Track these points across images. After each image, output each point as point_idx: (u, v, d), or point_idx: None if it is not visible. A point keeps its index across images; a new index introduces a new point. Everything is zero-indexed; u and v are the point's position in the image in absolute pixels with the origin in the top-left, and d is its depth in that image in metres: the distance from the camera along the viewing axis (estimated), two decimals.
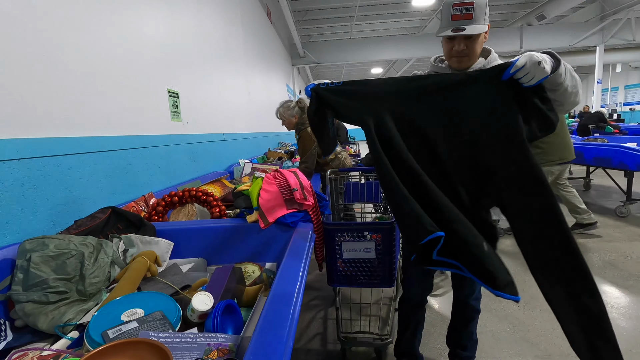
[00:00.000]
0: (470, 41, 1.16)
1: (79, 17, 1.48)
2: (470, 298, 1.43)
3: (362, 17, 10.27)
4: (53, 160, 1.29)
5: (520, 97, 0.96)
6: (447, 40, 1.20)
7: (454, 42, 1.18)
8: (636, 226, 3.52)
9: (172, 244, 1.27)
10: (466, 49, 1.17)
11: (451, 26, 1.14)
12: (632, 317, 1.97)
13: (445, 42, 1.21)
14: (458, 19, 1.13)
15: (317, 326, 2.03)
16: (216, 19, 3.46)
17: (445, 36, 1.18)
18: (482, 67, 1.21)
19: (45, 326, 0.85)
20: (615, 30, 10.98)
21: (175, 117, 2.38)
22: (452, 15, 1.13)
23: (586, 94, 20.80)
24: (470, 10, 1.12)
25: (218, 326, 0.80)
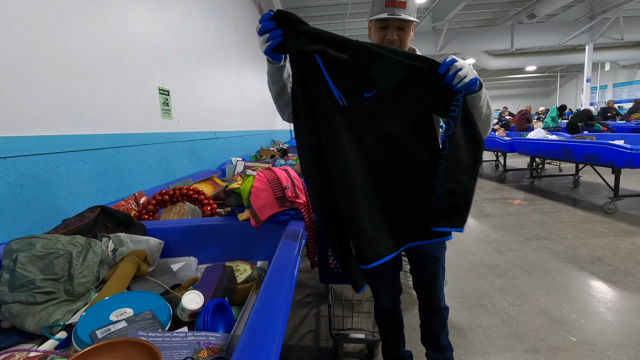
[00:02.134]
0: (403, 32, 1.16)
1: (67, 13, 1.46)
2: (442, 301, 1.36)
3: (355, 15, 10.26)
4: (40, 159, 1.27)
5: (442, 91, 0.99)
6: (379, 29, 1.17)
7: (386, 31, 1.16)
8: (623, 222, 3.59)
9: (162, 242, 1.26)
10: (398, 40, 1.16)
11: (385, 12, 1.12)
12: (618, 311, 2.01)
13: (376, 31, 1.18)
14: (392, 6, 1.12)
15: (310, 323, 2.03)
16: (208, 16, 3.43)
17: (377, 21, 1.15)
18: None
19: (33, 327, 0.84)
20: (604, 29, 11.14)
21: (166, 114, 2.36)
22: (386, 1, 1.12)
23: (576, 92, 21.09)
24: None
25: (208, 325, 0.79)
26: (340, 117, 1.02)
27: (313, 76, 0.99)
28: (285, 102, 1.15)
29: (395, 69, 0.99)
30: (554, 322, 1.94)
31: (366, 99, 1.01)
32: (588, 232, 3.36)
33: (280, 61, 1.05)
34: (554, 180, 5.99)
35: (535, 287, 2.35)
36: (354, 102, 1.02)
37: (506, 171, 6.49)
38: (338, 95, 1.00)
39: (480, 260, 2.85)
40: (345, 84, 1.00)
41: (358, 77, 1.00)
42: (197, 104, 2.99)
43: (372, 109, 1.02)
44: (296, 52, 0.98)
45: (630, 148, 3.52)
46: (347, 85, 1.00)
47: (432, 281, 1.32)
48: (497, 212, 4.26)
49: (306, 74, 1.00)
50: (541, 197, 4.88)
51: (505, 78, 22.33)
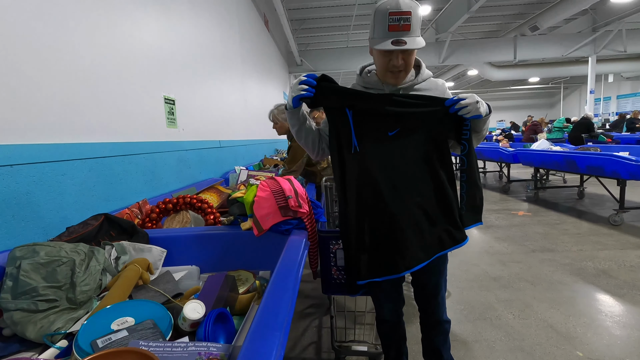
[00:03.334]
0: (408, 55, 1.11)
1: (75, 23, 1.49)
2: (444, 314, 1.34)
3: (358, 27, 10.39)
4: (47, 167, 1.28)
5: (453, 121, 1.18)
6: (383, 53, 1.12)
7: (391, 56, 1.11)
8: (629, 234, 3.55)
9: (165, 251, 1.27)
10: (403, 63, 1.12)
11: (388, 37, 1.06)
12: (625, 326, 1.97)
13: (380, 56, 1.13)
14: (396, 30, 1.05)
15: (312, 335, 2.01)
16: (213, 27, 3.49)
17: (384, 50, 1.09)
18: (413, 82, 1.21)
19: (34, 335, 0.84)
20: (606, 41, 11.19)
21: (171, 124, 2.38)
22: (389, 25, 1.05)
23: (579, 103, 21.09)
24: (408, 21, 1.05)
25: (209, 335, 0.79)
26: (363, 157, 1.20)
27: (344, 126, 1.20)
28: (305, 142, 1.31)
29: (410, 109, 1.16)
30: (560, 336, 1.91)
31: (390, 138, 1.18)
32: (593, 244, 3.32)
33: (295, 107, 1.20)
34: (559, 192, 5.95)
35: (541, 300, 2.32)
36: (379, 141, 1.19)
37: (510, 182, 6.46)
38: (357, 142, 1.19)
39: (484, 272, 2.82)
40: (370, 127, 1.18)
41: (381, 121, 1.17)
42: (202, 113, 3.03)
43: (395, 144, 1.18)
44: (332, 108, 1.20)
45: (635, 160, 3.50)
46: (373, 128, 1.18)
47: (434, 293, 1.31)
48: (501, 223, 4.23)
49: (339, 124, 1.21)
50: (545, 209, 4.84)
51: (509, 89, 22.39)
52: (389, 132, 1.17)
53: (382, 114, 1.16)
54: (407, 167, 1.19)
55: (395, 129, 1.17)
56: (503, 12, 10.38)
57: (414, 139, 1.18)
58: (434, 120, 1.17)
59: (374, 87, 1.23)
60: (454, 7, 8.83)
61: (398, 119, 1.16)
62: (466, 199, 1.23)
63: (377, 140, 1.18)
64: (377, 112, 1.16)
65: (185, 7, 2.76)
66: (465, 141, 1.18)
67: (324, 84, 1.17)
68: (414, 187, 1.19)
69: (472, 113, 1.10)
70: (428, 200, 1.20)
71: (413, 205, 1.18)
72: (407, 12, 1.05)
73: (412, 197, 1.18)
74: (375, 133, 1.18)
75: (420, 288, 1.34)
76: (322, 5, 8.83)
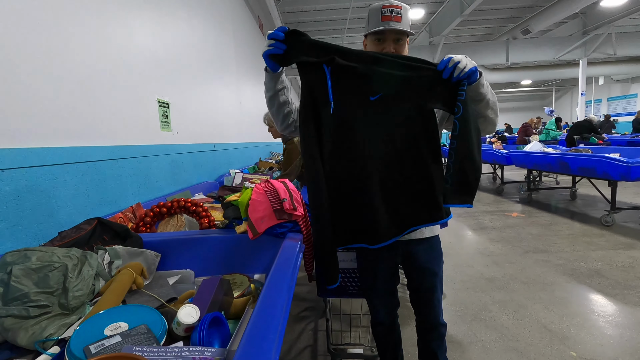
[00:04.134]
0: (399, 45, 1.18)
1: (67, 26, 1.48)
2: (440, 317, 1.33)
3: (353, 30, 10.45)
4: (38, 171, 1.27)
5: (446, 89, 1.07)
6: (375, 43, 1.19)
7: (383, 45, 1.18)
8: (621, 235, 3.59)
9: (159, 255, 1.26)
10: (395, 52, 1.18)
11: (381, 26, 1.15)
12: (618, 325, 2.00)
13: (373, 44, 1.20)
14: (388, 20, 1.14)
15: (307, 338, 2.00)
16: (208, 30, 3.49)
17: (373, 34, 1.18)
18: None
19: (25, 342, 0.82)
20: (597, 44, 11.37)
21: (165, 127, 2.37)
22: (382, 16, 1.14)
23: (571, 105, 21.37)
24: (399, 13, 1.14)
25: (204, 339, 0.78)
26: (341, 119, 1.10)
27: (320, 84, 1.08)
28: (276, 111, 1.23)
29: (396, 72, 1.07)
30: (553, 337, 1.92)
31: (372, 103, 1.09)
32: (586, 244, 3.36)
33: (275, 71, 1.13)
34: (551, 193, 6.01)
35: (535, 300, 2.34)
36: (359, 105, 1.10)
37: (503, 184, 6.51)
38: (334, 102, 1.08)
39: (479, 273, 2.84)
40: (351, 87, 1.08)
41: (364, 82, 1.08)
42: (196, 116, 3.02)
43: (378, 110, 1.09)
44: (306, 64, 1.07)
45: (625, 161, 3.55)
46: (353, 89, 1.08)
47: (429, 296, 1.30)
48: (495, 224, 4.26)
49: (313, 82, 1.09)
50: (539, 210, 4.88)
51: (502, 92, 22.63)
52: (371, 97, 1.08)
53: (364, 75, 1.07)
54: (387, 136, 1.11)
55: (378, 93, 1.08)
56: (495, 16, 10.50)
57: (398, 106, 1.09)
58: (422, 87, 1.07)
59: None
60: (447, 11, 8.92)
61: (382, 83, 1.07)
62: (453, 170, 1.06)
63: (357, 105, 1.09)
64: (359, 73, 1.06)
65: (180, 10, 2.76)
66: (460, 102, 1.04)
67: (297, 37, 1.05)
68: (393, 158, 1.12)
69: (468, 66, 1.02)
70: (408, 173, 1.12)
71: (390, 177, 1.12)
72: (398, 6, 1.15)
73: (391, 168, 1.12)
74: (356, 96, 1.09)
75: (415, 290, 1.34)
76: (316, 9, 8.87)
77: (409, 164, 1.12)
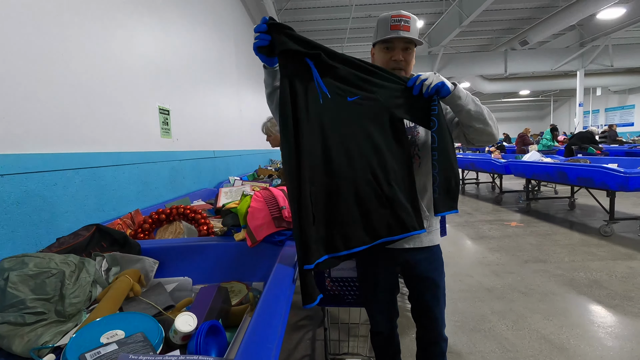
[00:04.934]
0: (407, 53, 1.21)
1: (70, 32, 1.50)
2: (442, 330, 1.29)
3: (353, 39, 10.55)
4: (37, 176, 1.27)
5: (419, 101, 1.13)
6: (384, 51, 1.22)
7: (392, 52, 1.20)
8: (620, 245, 3.59)
9: (157, 262, 1.25)
10: (403, 61, 1.20)
11: (390, 34, 1.17)
12: (618, 337, 1.98)
13: (382, 53, 1.23)
14: (397, 29, 1.17)
15: (305, 347, 1.98)
16: (209, 38, 3.52)
17: (381, 43, 1.21)
18: None
19: (20, 349, 0.82)
20: (594, 56, 11.50)
21: (166, 134, 2.38)
22: (391, 25, 1.17)
23: (569, 115, 21.51)
24: (408, 23, 1.17)
25: (201, 348, 0.78)
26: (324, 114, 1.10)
27: (301, 77, 1.07)
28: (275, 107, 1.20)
29: (375, 79, 1.12)
30: (553, 348, 1.91)
31: (349, 103, 1.11)
32: (585, 255, 3.35)
33: (272, 66, 1.14)
34: (550, 203, 6.01)
35: (534, 311, 2.32)
36: (338, 103, 1.11)
37: (502, 193, 6.52)
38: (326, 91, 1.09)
39: (478, 283, 2.82)
40: (332, 86, 1.10)
41: (343, 84, 1.11)
42: (197, 124, 3.03)
43: (353, 112, 1.12)
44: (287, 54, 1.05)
45: (623, 171, 3.56)
46: (333, 87, 1.11)
47: (430, 307, 1.27)
48: (494, 234, 4.25)
49: (294, 76, 1.07)
50: (538, 220, 4.88)
51: (500, 102, 22.79)
52: (349, 97, 1.11)
53: (345, 76, 1.10)
54: (361, 138, 1.12)
55: (355, 95, 1.11)
56: (494, 27, 10.63)
57: (372, 111, 1.13)
58: (396, 97, 1.13)
59: None
60: (446, 22, 9.03)
61: (360, 86, 1.11)
62: (439, 180, 1.13)
63: (336, 103, 1.10)
64: (340, 74, 1.10)
65: (182, 19, 2.79)
66: (434, 117, 1.11)
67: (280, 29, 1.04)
68: (366, 161, 1.11)
69: (434, 82, 1.07)
70: (379, 178, 1.12)
71: (362, 180, 1.10)
72: (407, 16, 1.17)
73: (363, 171, 1.11)
74: (335, 95, 1.11)
75: (416, 301, 1.31)
76: (316, 18, 8.97)
77: (382, 166, 1.13)
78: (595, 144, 7.62)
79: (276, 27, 1.05)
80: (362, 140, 1.12)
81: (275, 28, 1.05)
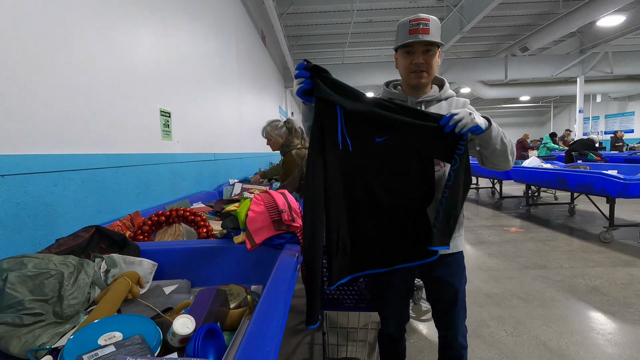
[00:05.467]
0: (429, 56, 1.20)
1: (71, 33, 1.51)
2: (459, 335, 1.33)
3: (354, 44, 10.60)
4: (37, 177, 1.27)
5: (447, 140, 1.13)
6: (405, 55, 1.22)
7: (412, 56, 1.20)
8: (619, 252, 3.58)
9: (156, 264, 1.25)
10: (424, 64, 1.20)
11: (409, 39, 1.17)
12: (617, 344, 1.98)
13: (403, 57, 1.23)
14: (416, 33, 1.16)
15: (303, 351, 1.98)
16: (211, 41, 3.54)
17: (401, 48, 1.21)
18: (438, 97, 1.27)
19: (17, 350, 0.81)
20: (594, 62, 11.53)
21: (166, 136, 2.39)
22: (410, 29, 1.17)
23: (569, 122, 21.55)
24: (427, 25, 1.16)
25: (199, 351, 0.77)
26: (347, 157, 1.16)
27: (330, 120, 1.14)
28: None
29: (405, 118, 1.13)
30: (552, 355, 1.90)
31: (377, 144, 1.15)
32: (585, 261, 3.35)
33: (312, 102, 1.16)
34: (550, 209, 6.01)
35: (533, 317, 2.32)
36: (364, 145, 1.15)
37: (502, 198, 6.52)
38: (348, 141, 1.15)
39: (478, 288, 2.82)
40: (359, 129, 1.15)
41: (372, 125, 1.14)
42: (197, 126, 3.04)
43: (381, 151, 1.16)
44: (321, 98, 1.12)
45: (623, 178, 3.57)
46: (361, 130, 1.15)
47: (448, 310, 1.30)
48: (494, 239, 4.25)
49: (324, 117, 1.14)
50: (537, 225, 4.88)
51: (500, 107, 22.83)
52: (377, 138, 1.15)
53: (374, 118, 1.13)
54: (386, 178, 1.17)
55: (383, 136, 1.15)
56: (494, 33, 10.69)
57: (400, 151, 1.16)
58: (424, 136, 1.14)
59: (398, 98, 1.29)
60: (447, 27, 9.08)
61: (388, 127, 1.14)
62: (441, 216, 1.16)
63: (363, 144, 1.15)
64: (369, 116, 1.13)
65: (184, 21, 2.81)
66: (457, 155, 1.11)
67: (319, 74, 1.12)
68: (390, 199, 1.17)
69: (468, 125, 1.05)
70: (400, 214, 1.18)
71: (386, 216, 1.18)
72: (426, 19, 1.17)
73: (386, 208, 1.18)
74: (363, 136, 1.15)
75: (434, 303, 1.35)
76: (318, 23, 9.02)
77: (405, 204, 1.18)
78: (596, 150, 7.64)
79: (315, 70, 1.11)
80: (387, 180, 1.16)
81: (315, 71, 1.11)
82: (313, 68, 1.11)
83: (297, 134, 2.65)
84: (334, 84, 1.13)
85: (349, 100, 1.12)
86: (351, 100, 1.13)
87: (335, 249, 1.17)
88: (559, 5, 8.52)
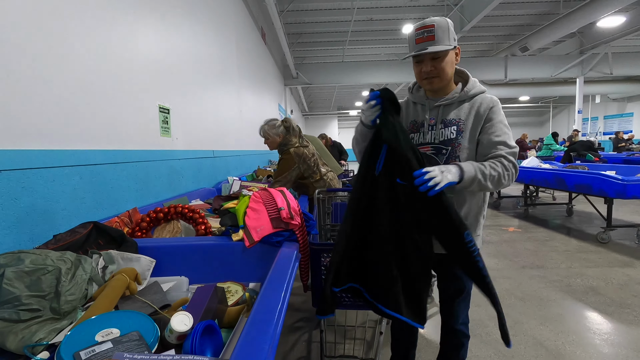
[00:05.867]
0: (437, 61, 1.21)
1: (71, 30, 1.50)
2: (458, 323, 1.39)
3: (354, 42, 10.58)
4: (36, 173, 1.27)
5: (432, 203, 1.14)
6: (416, 63, 1.25)
7: (422, 65, 1.23)
8: (616, 252, 3.59)
9: (153, 261, 1.25)
10: (434, 70, 1.21)
11: (416, 49, 1.20)
12: (614, 344, 1.98)
13: (415, 65, 1.27)
14: (422, 42, 1.18)
15: (301, 349, 1.98)
16: (211, 39, 3.53)
17: (412, 57, 1.24)
18: (459, 97, 1.27)
19: (14, 346, 0.81)
20: (593, 63, 11.55)
21: (165, 132, 2.38)
22: (416, 39, 1.19)
23: (568, 122, 21.59)
24: (431, 32, 1.17)
25: (197, 348, 0.77)
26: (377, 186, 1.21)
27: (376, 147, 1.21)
28: None
29: None
30: (549, 354, 1.91)
31: (397, 184, 1.18)
32: (582, 261, 3.36)
33: (372, 125, 1.21)
34: (548, 209, 6.03)
35: (530, 316, 2.32)
36: (389, 182, 1.20)
37: (500, 198, 6.53)
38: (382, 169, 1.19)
39: (475, 287, 2.82)
40: (389, 163, 1.19)
41: (398, 166, 1.17)
42: (196, 123, 3.03)
43: (401, 191, 1.18)
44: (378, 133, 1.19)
45: (621, 179, 3.57)
46: (389, 167, 1.19)
47: (454, 298, 1.37)
48: (492, 239, 4.26)
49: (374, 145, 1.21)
50: (535, 225, 4.89)
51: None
52: (398, 179, 1.17)
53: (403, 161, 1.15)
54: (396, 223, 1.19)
55: (405, 180, 1.16)
56: (494, 33, 10.68)
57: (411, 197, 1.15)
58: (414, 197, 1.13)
59: (419, 101, 1.33)
60: None
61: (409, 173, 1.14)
62: None
63: (389, 180, 1.19)
64: (400, 159, 1.15)
65: (183, 18, 2.79)
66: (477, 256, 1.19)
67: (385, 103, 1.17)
68: (398, 242, 1.19)
69: (443, 182, 1.06)
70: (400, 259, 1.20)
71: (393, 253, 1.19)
72: (431, 25, 1.18)
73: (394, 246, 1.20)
74: (387, 174, 1.19)
75: (442, 291, 1.41)
76: (318, 20, 8.99)
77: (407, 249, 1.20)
78: (595, 151, 7.65)
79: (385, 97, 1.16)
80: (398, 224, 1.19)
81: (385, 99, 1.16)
82: (383, 97, 1.16)
83: (295, 132, 2.64)
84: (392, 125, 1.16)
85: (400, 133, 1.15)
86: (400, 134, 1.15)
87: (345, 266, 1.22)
88: (559, 6, 8.52)
